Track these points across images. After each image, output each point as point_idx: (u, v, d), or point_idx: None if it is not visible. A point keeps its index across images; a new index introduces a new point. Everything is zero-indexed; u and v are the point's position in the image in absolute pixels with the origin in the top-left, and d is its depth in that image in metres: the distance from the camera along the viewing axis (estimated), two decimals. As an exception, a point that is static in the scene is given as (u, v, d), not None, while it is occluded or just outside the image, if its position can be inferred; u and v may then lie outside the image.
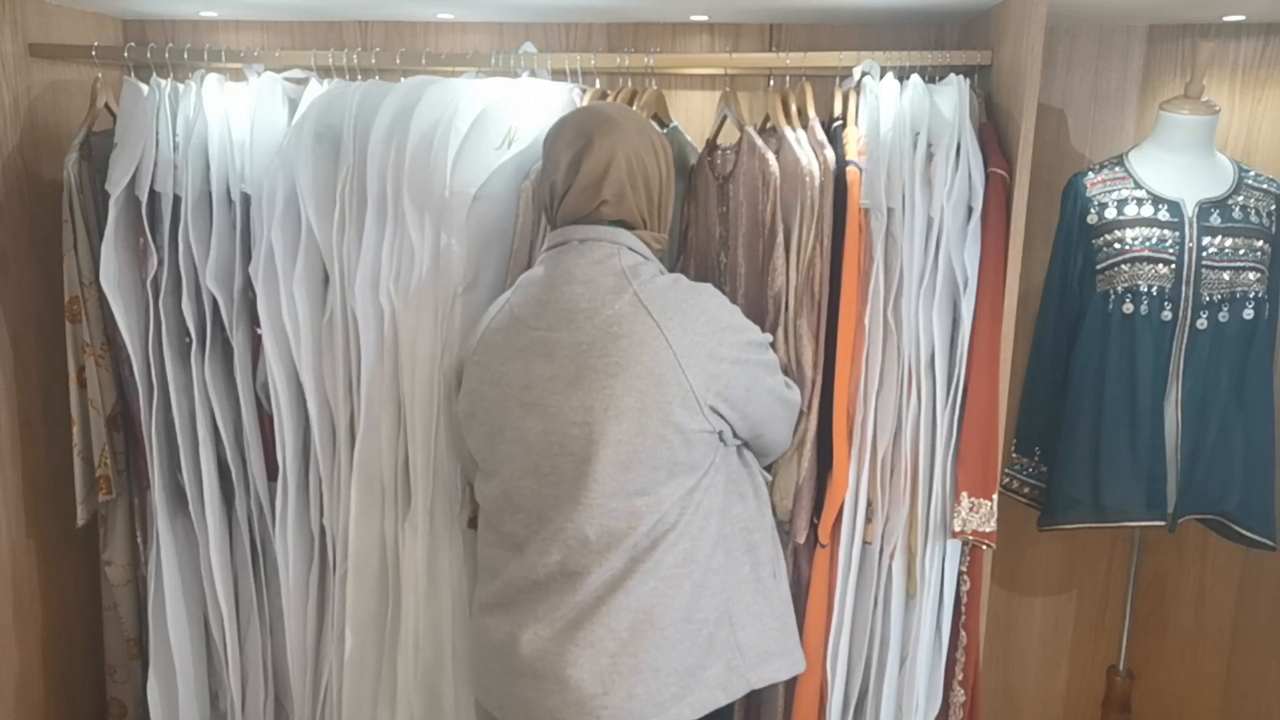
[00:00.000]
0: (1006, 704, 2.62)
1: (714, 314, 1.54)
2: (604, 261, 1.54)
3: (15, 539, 2.12)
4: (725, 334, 1.53)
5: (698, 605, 1.55)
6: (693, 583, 1.54)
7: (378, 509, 1.97)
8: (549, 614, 1.53)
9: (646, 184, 1.59)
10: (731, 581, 1.60)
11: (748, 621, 1.62)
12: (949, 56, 1.96)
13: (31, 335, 2.14)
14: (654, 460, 1.49)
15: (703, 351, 1.50)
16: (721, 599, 1.58)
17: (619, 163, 1.55)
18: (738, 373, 1.54)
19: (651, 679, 1.51)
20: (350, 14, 2.32)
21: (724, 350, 1.52)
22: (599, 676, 1.49)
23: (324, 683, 2.08)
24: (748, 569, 1.63)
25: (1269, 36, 2.26)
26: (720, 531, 1.58)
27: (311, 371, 1.95)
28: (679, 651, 1.53)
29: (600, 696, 1.49)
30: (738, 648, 1.60)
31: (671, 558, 1.52)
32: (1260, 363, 2.07)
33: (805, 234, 1.77)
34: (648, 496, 1.50)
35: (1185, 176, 2.08)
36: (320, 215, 1.90)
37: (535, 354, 1.54)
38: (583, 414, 1.49)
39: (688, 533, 1.53)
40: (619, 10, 2.16)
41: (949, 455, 1.85)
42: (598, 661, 1.49)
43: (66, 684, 2.28)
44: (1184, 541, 2.45)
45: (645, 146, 1.59)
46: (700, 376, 1.50)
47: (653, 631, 1.51)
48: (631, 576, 1.50)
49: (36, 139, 2.14)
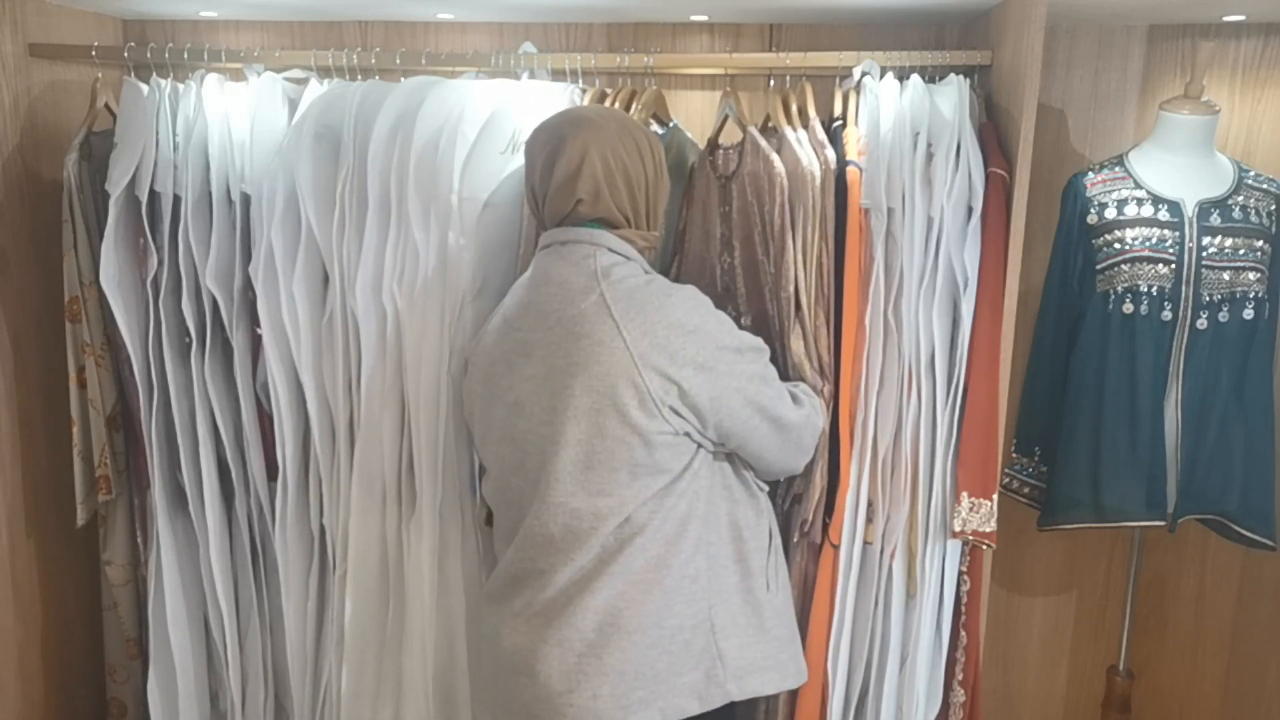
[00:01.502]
0: (1006, 704, 2.62)
1: (679, 317, 1.51)
2: (580, 263, 1.54)
3: (15, 539, 2.12)
4: (691, 337, 1.50)
5: (670, 611, 1.53)
6: (665, 588, 1.53)
7: (378, 509, 1.97)
8: (525, 609, 1.55)
9: (628, 182, 1.58)
10: (716, 589, 1.58)
11: (732, 631, 1.59)
12: (949, 56, 1.96)
13: (31, 335, 2.14)
14: (614, 461, 1.49)
15: (662, 354, 1.48)
16: (703, 606, 1.57)
17: (592, 161, 1.54)
18: (701, 378, 1.51)
19: (617, 681, 1.51)
20: (350, 14, 2.32)
21: (688, 353, 1.50)
22: (566, 674, 1.51)
23: (324, 683, 2.07)
24: (736, 578, 1.61)
25: (1269, 36, 2.26)
26: (701, 538, 1.56)
27: (311, 371, 1.95)
28: (649, 656, 1.52)
29: (566, 694, 1.50)
30: (719, 657, 1.58)
31: (642, 561, 1.52)
32: (1260, 363, 2.07)
33: (810, 234, 1.77)
34: (610, 497, 1.50)
35: (1185, 176, 2.08)
36: (320, 215, 1.90)
37: (517, 354, 1.57)
38: (548, 413, 1.51)
39: (659, 537, 1.52)
40: (619, 10, 2.16)
41: (949, 455, 1.85)
42: (565, 660, 1.51)
43: (66, 684, 2.28)
44: (1184, 541, 2.45)
45: (626, 145, 1.57)
46: (657, 379, 1.48)
47: (620, 634, 1.51)
48: (599, 578, 1.51)
49: (36, 139, 2.14)
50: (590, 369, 1.48)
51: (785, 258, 1.77)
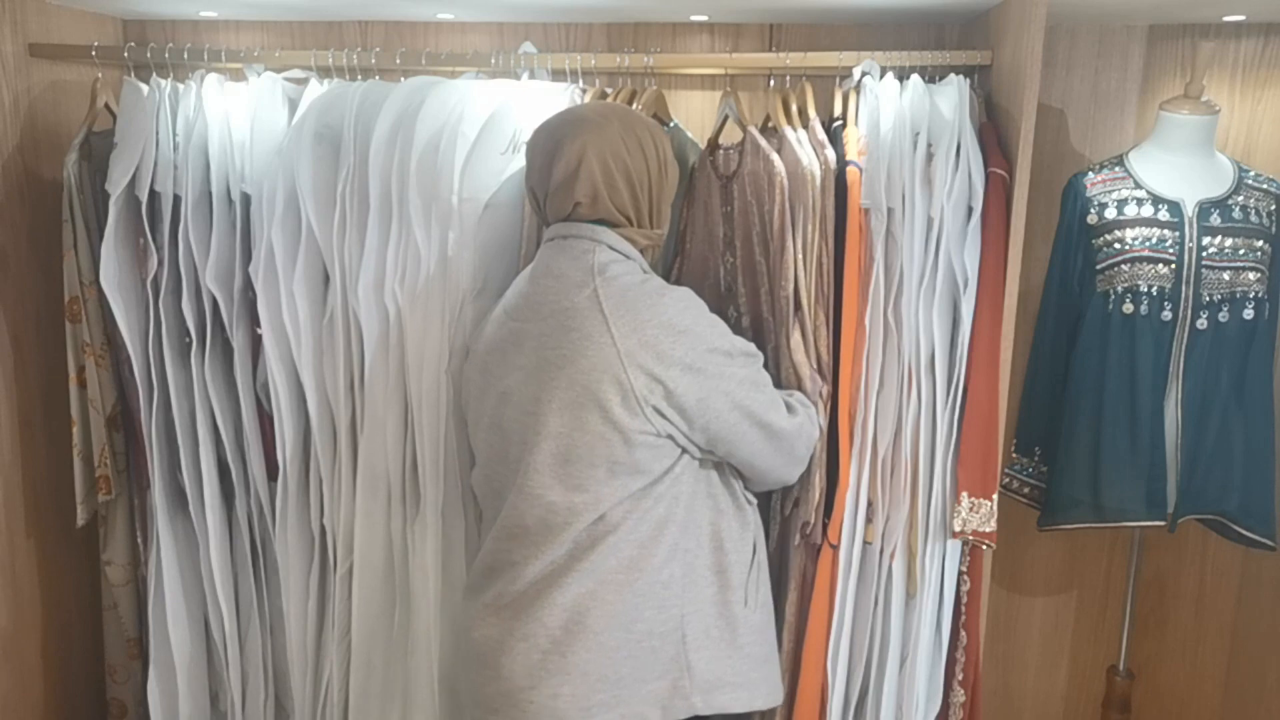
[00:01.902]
0: (1006, 704, 2.62)
1: (671, 317, 1.50)
2: (579, 258, 1.55)
3: (15, 539, 2.12)
4: (681, 338, 1.50)
5: (640, 615, 1.52)
6: (635, 591, 1.51)
7: (383, 509, 1.97)
8: (495, 601, 1.55)
9: (629, 182, 1.57)
10: (690, 599, 1.56)
11: (704, 643, 1.57)
12: (949, 56, 1.96)
13: (31, 335, 2.14)
14: (592, 456, 1.49)
15: (649, 353, 1.48)
16: (675, 614, 1.55)
17: (589, 164, 1.53)
18: (689, 380, 1.50)
19: (579, 681, 1.49)
20: (350, 14, 2.32)
21: (676, 354, 1.49)
22: (529, 670, 1.50)
23: (324, 683, 2.07)
24: (714, 590, 1.59)
25: (1269, 36, 2.26)
26: (678, 544, 1.55)
27: (311, 371, 1.95)
28: (614, 659, 1.51)
29: (527, 690, 1.50)
30: (687, 668, 1.55)
31: (614, 561, 1.50)
32: (1260, 363, 2.07)
33: (810, 234, 1.77)
34: (586, 493, 1.50)
35: (1185, 176, 2.08)
36: (320, 215, 1.90)
37: (510, 344, 1.58)
38: (532, 404, 1.52)
39: (633, 539, 1.51)
40: (619, 10, 2.16)
41: (949, 455, 1.85)
42: (529, 655, 1.50)
43: (66, 684, 2.28)
44: (1184, 541, 2.45)
45: (629, 144, 1.56)
46: (642, 378, 1.48)
47: (586, 634, 1.49)
48: (569, 574, 1.50)
49: (36, 139, 2.14)
50: (576, 363, 1.48)
51: (785, 257, 1.77)
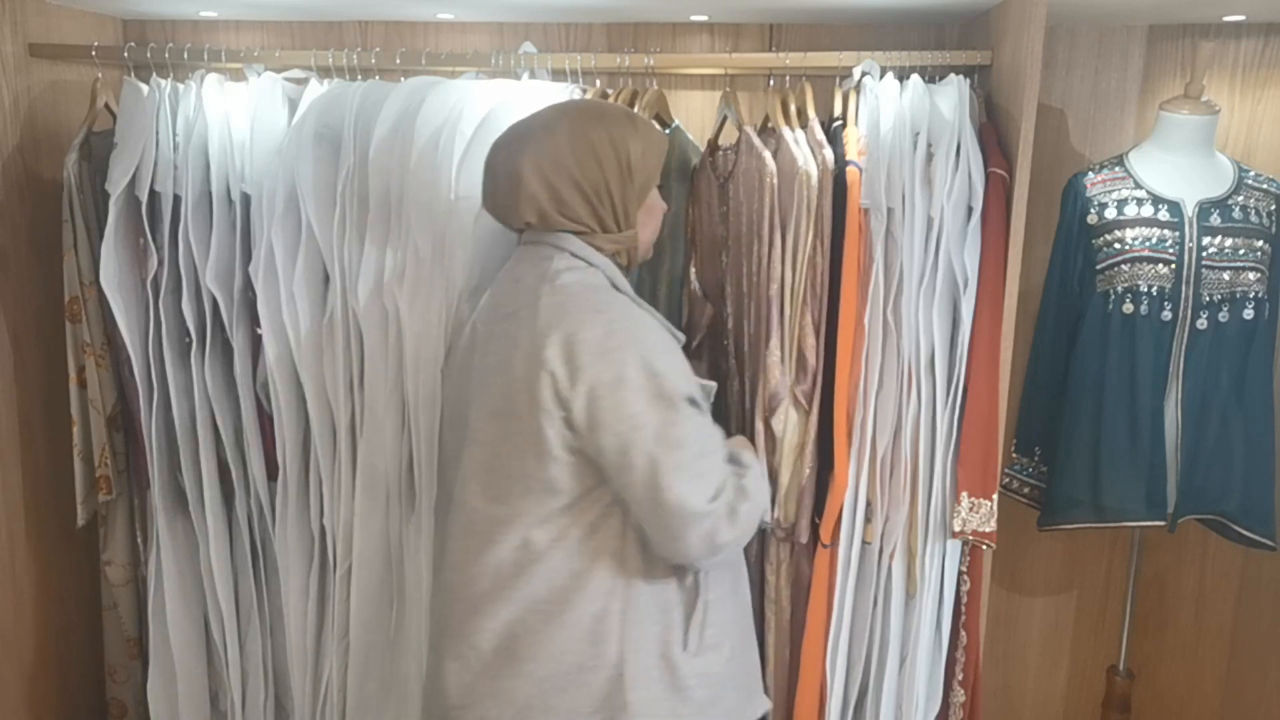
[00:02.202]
0: (1006, 704, 2.62)
1: (597, 336, 1.41)
2: (538, 264, 1.51)
3: (15, 539, 2.12)
4: (601, 359, 1.40)
5: (571, 648, 1.46)
6: (565, 623, 1.45)
7: (382, 509, 1.97)
8: (436, 612, 1.58)
9: (580, 192, 1.49)
10: (631, 637, 1.47)
11: (643, 683, 1.47)
12: (949, 56, 1.96)
13: (31, 335, 2.14)
14: (509, 468, 1.46)
15: (565, 366, 1.40)
16: (612, 650, 1.46)
17: (529, 184, 1.48)
18: (589, 406, 1.40)
19: (505, 707, 1.46)
20: (350, 14, 2.32)
21: (590, 373, 1.40)
22: (463, 689, 1.49)
23: (324, 682, 2.07)
24: (657, 629, 1.49)
25: (1269, 36, 2.26)
26: (616, 580, 1.47)
27: (311, 371, 1.95)
28: (543, 689, 1.46)
29: (460, 710, 1.49)
30: (624, 706, 1.46)
31: (545, 591, 1.45)
32: (1260, 363, 2.07)
33: (804, 233, 1.77)
34: (505, 506, 1.46)
35: (1185, 176, 2.08)
36: (320, 215, 1.90)
37: (471, 347, 1.58)
38: (474, 409, 1.52)
39: (565, 569, 1.45)
40: (619, 10, 2.16)
41: (949, 455, 1.85)
42: (463, 675, 1.48)
43: (66, 684, 2.28)
44: (1184, 541, 2.45)
45: (579, 152, 1.48)
46: (551, 390, 1.41)
47: (515, 662, 1.46)
48: (496, 601, 1.46)
49: (36, 139, 2.14)
50: (508, 370, 1.46)
51: (772, 256, 1.78)
